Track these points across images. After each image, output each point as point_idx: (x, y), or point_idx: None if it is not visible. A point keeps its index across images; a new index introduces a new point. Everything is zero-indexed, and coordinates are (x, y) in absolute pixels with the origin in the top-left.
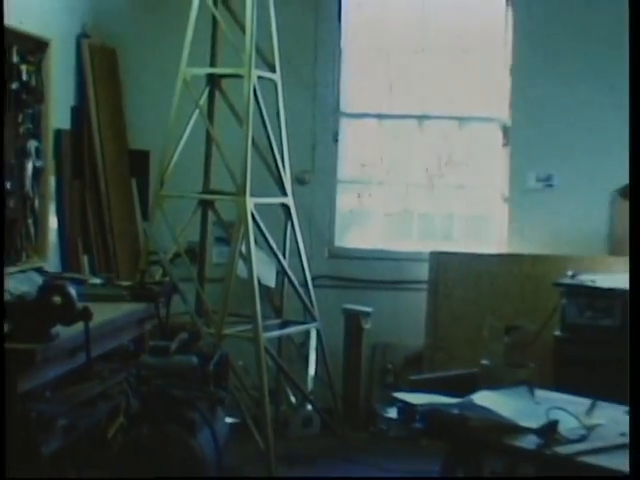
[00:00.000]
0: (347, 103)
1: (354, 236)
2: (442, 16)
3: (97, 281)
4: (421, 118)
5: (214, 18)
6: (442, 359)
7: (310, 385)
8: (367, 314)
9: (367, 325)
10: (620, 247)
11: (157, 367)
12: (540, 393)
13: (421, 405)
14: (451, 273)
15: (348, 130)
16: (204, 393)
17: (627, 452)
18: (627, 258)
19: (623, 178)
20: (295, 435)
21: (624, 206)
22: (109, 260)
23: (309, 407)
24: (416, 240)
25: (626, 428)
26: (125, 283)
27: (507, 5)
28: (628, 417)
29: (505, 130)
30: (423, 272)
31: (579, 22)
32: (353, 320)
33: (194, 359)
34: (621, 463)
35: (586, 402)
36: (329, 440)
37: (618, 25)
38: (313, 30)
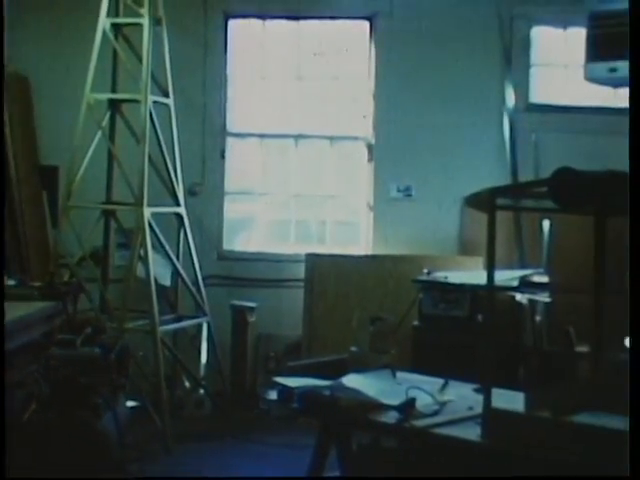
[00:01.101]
0: (233, 124)
1: (240, 240)
2: (316, 48)
3: (11, 282)
4: (297, 137)
5: (115, 50)
6: (317, 347)
7: (202, 372)
8: (252, 309)
9: (252, 318)
10: (468, 248)
11: (65, 358)
12: (401, 375)
13: (297, 388)
14: (324, 272)
15: (234, 148)
16: (107, 380)
17: (473, 423)
18: (474, 257)
19: (470, 189)
20: (189, 416)
21: (470, 213)
22: (22, 263)
23: (201, 391)
24: (294, 243)
25: (472, 403)
26: (36, 284)
27: (370, 40)
28: (475, 393)
29: (370, 148)
30: (300, 271)
31: (433, 54)
32: (239, 314)
33: (98, 350)
34: (468, 433)
35: (439, 381)
36: (219, 420)
37: (467, 58)
38: (202, 60)
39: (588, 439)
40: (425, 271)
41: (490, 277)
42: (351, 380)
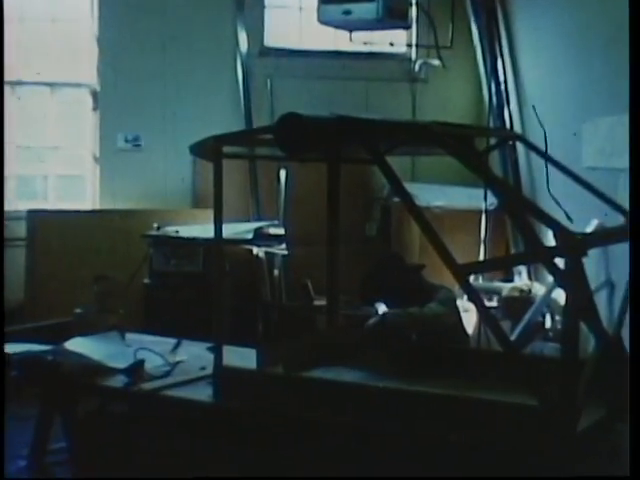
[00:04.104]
0: None
1: None
2: None
3: None
4: (15, 84)
5: None
6: (42, 310)
7: None
8: None
9: None
10: (202, 200)
11: None
12: (131, 336)
13: (16, 354)
14: (48, 230)
15: None
16: None
17: (205, 383)
18: (207, 210)
19: (203, 137)
20: None
21: (204, 163)
22: None
23: None
24: (13, 200)
25: (206, 362)
26: None
27: None
28: (209, 352)
29: (94, 95)
30: (21, 230)
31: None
32: None
33: None
34: (199, 393)
35: (172, 341)
36: None
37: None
38: None
39: (321, 393)
40: (155, 226)
41: (218, 230)
42: (75, 344)
